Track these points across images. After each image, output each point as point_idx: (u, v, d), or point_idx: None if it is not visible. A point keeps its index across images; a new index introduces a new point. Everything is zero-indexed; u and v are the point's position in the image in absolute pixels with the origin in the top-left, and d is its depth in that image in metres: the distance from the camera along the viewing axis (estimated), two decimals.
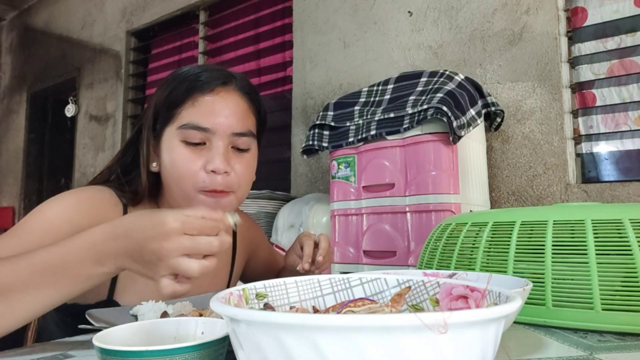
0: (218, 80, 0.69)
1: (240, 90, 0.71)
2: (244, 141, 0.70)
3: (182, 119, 0.67)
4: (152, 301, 0.60)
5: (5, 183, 4.06)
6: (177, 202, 0.70)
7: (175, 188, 0.69)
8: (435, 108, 1.19)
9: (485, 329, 0.26)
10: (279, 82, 2.40)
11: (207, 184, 0.66)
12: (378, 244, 1.31)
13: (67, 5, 3.69)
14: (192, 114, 0.67)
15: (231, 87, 0.70)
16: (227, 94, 0.69)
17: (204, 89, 0.68)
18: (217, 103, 0.68)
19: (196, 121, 0.66)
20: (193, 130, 0.66)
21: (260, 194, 1.84)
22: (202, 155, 0.67)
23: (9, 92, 4.24)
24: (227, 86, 0.69)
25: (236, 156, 0.70)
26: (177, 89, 0.68)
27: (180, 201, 0.70)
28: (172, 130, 0.68)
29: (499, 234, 0.65)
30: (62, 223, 0.63)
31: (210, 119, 0.67)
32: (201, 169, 0.67)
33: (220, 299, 0.33)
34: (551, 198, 1.45)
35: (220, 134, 0.67)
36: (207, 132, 0.67)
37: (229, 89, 0.70)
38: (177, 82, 0.69)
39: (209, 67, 0.71)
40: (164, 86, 0.71)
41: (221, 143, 0.67)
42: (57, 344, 0.55)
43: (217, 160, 0.66)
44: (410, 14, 1.83)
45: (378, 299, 0.43)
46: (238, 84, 0.71)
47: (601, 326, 0.53)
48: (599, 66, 1.50)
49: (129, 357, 0.34)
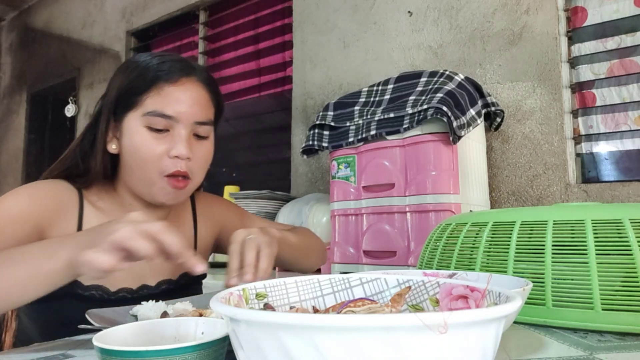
0: (182, 71, 0.73)
1: (201, 81, 0.75)
2: (205, 129, 0.75)
3: (146, 106, 0.71)
4: (152, 301, 0.61)
5: (5, 183, 4.05)
6: (137, 185, 0.74)
7: (137, 171, 0.72)
8: (435, 108, 1.19)
9: (485, 329, 0.26)
10: (279, 82, 2.40)
11: (169, 168, 0.71)
12: (378, 244, 1.31)
13: (67, 5, 3.69)
14: (157, 102, 0.70)
15: (193, 78, 0.74)
16: (191, 84, 0.73)
17: (168, 78, 0.72)
18: (181, 93, 0.72)
19: (161, 109, 0.70)
20: (158, 117, 0.70)
21: (260, 194, 1.84)
22: (165, 142, 0.71)
23: (9, 92, 4.24)
24: (190, 77, 0.74)
25: (197, 143, 0.74)
26: (142, 76, 0.72)
27: (140, 184, 0.73)
28: (136, 116, 0.71)
29: (499, 234, 0.65)
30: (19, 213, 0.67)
31: (175, 108, 0.71)
32: (164, 154, 0.71)
33: (220, 299, 0.33)
34: (551, 198, 1.45)
35: (184, 122, 0.71)
36: (171, 119, 0.71)
37: (192, 80, 0.74)
38: (140, 70, 0.72)
39: (170, 57, 0.75)
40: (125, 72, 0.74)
41: (184, 131, 0.71)
42: (57, 344, 0.55)
43: (180, 147, 0.70)
44: (410, 14, 1.83)
45: (378, 299, 0.43)
46: (199, 75, 0.75)
47: (601, 326, 0.53)
48: (599, 66, 1.50)
49: (129, 357, 0.34)
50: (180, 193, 0.74)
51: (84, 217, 0.74)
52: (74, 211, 0.74)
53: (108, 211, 0.77)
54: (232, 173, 2.66)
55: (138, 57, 0.76)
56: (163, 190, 0.72)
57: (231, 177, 2.64)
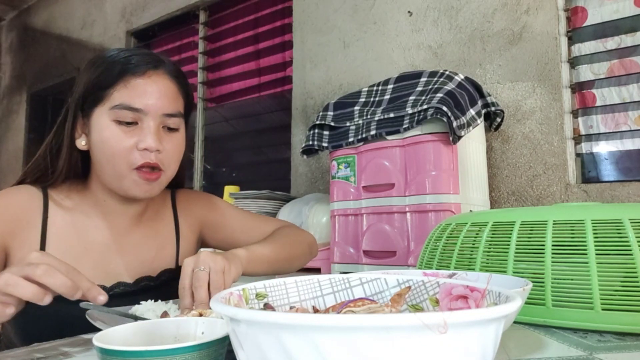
0: (149, 64, 0.72)
1: (169, 74, 0.74)
2: (174, 121, 0.74)
3: (113, 99, 0.70)
4: (152, 301, 0.61)
5: (5, 183, 4.05)
6: (108, 180, 0.73)
7: (107, 166, 0.71)
8: (435, 108, 1.19)
9: (485, 329, 0.26)
10: (278, 82, 2.40)
11: (138, 160, 0.70)
12: (378, 244, 1.31)
13: (66, 5, 3.69)
14: (124, 95, 0.70)
15: (161, 71, 0.73)
16: (158, 77, 0.73)
17: (135, 71, 0.71)
18: (148, 85, 0.71)
19: (128, 102, 0.69)
20: (125, 110, 0.69)
21: (260, 194, 1.84)
22: (134, 135, 0.70)
23: (9, 92, 4.24)
24: (158, 70, 0.73)
25: (167, 135, 0.74)
26: (109, 70, 0.71)
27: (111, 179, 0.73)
28: (103, 110, 0.70)
29: (499, 234, 0.65)
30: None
31: (142, 100, 0.70)
32: (133, 147, 0.70)
33: (220, 299, 0.33)
34: (551, 198, 1.45)
35: (152, 114, 0.71)
36: (139, 112, 0.70)
37: (159, 73, 0.73)
38: (107, 64, 0.72)
39: (137, 51, 0.74)
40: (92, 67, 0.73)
41: (152, 123, 0.71)
42: (58, 344, 0.55)
43: (149, 139, 0.69)
44: (410, 14, 1.83)
45: (378, 299, 0.43)
46: (167, 68, 0.75)
47: (601, 326, 0.53)
48: (599, 66, 1.50)
49: (129, 357, 0.34)
50: (153, 185, 0.73)
51: (48, 219, 0.73)
52: (38, 215, 0.73)
53: (77, 210, 0.76)
54: (231, 173, 2.66)
55: (105, 53, 0.75)
56: (134, 182, 0.71)
57: (231, 177, 2.64)
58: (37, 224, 0.72)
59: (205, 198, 0.95)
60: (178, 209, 0.89)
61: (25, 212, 0.72)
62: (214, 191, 2.66)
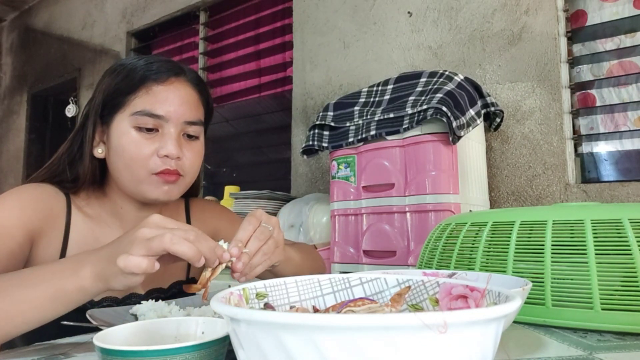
0: (171, 71, 0.72)
1: (190, 82, 0.74)
2: (195, 129, 0.74)
3: (134, 106, 0.69)
4: (152, 300, 0.61)
5: (5, 183, 4.05)
6: (127, 188, 0.72)
7: (126, 172, 0.70)
8: (435, 108, 1.19)
9: (485, 329, 0.26)
10: (279, 83, 2.40)
11: (159, 166, 0.69)
12: (378, 243, 1.31)
13: (67, 6, 3.69)
14: (145, 102, 0.69)
15: (183, 79, 0.73)
16: (180, 84, 0.72)
17: (157, 78, 0.71)
18: (170, 92, 0.71)
19: (150, 108, 0.69)
20: (147, 117, 0.69)
21: (260, 194, 1.84)
22: (154, 141, 0.70)
23: (10, 92, 4.24)
24: (179, 77, 0.73)
25: (187, 143, 0.73)
26: (129, 77, 0.70)
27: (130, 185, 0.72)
28: (124, 116, 0.70)
29: (499, 233, 0.65)
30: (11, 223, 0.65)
31: (164, 107, 0.70)
32: (153, 153, 0.69)
33: (220, 299, 0.33)
34: (550, 198, 1.45)
35: (173, 122, 0.70)
36: (160, 119, 0.70)
37: (181, 80, 0.73)
38: (127, 71, 0.71)
39: (158, 59, 0.74)
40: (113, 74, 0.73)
41: (173, 130, 0.70)
42: (58, 344, 0.55)
43: (170, 146, 0.69)
44: (409, 15, 1.83)
45: (378, 298, 0.43)
46: (189, 76, 0.75)
47: (601, 326, 0.53)
48: (599, 67, 1.50)
49: (129, 356, 0.34)
50: (172, 188, 0.72)
51: (71, 223, 0.72)
52: (62, 217, 0.72)
53: (96, 217, 0.75)
54: (232, 173, 2.66)
55: (125, 60, 0.74)
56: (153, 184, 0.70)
57: (231, 177, 2.64)
58: (61, 227, 0.71)
59: (219, 209, 0.95)
60: (192, 218, 0.89)
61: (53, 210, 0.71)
62: (214, 191, 2.66)
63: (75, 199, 0.75)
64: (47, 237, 0.70)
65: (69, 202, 0.73)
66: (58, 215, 0.71)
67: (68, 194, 0.74)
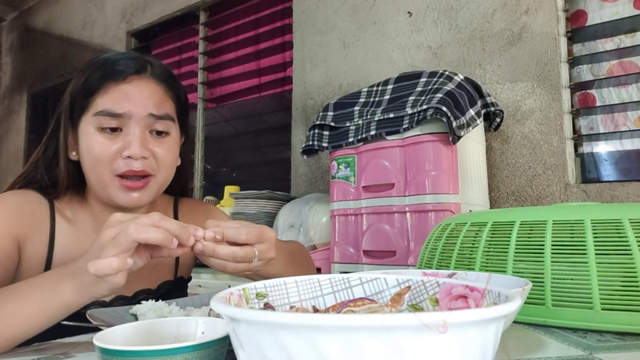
0: (131, 69, 0.70)
1: (155, 77, 0.72)
2: (163, 125, 0.71)
3: (96, 106, 0.68)
4: (152, 300, 0.61)
5: (5, 183, 4.05)
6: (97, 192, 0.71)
7: (92, 175, 0.69)
8: (435, 108, 1.19)
9: (485, 329, 0.26)
10: (279, 83, 2.40)
11: (121, 167, 0.67)
12: (378, 243, 1.31)
13: (67, 5, 3.69)
14: (105, 101, 0.68)
15: (145, 75, 0.71)
16: (141, 81, 0.70)
17: (117, 77, 0.69)
18: (130, 90, 0.69)
19: (111, 107, 0.67)
20: (107, 116, 0.67)
21: (260, 194, 1.84)
22: (118, 141, 0.68)
23: (9, 92, 4.24)
24: (141, 74, 0.71)
25: (155, 140, 0.71)
26: (92, 77, 0.69)
27: (99, 190, 0.70)
28: (88, 118, 0.69)
29: (499, 233, 0.65)
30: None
31: (124, 105, 0.68)
32: (117, 154, 0.68)
33: (220, 299, 0.33)
34: (550, 198, 1.45)
35: (136, 119, 0.68)
36: (122, 117, 0.68)
37: (143, 77, 0.71)
38: (91, 70, 0.70)
39: (126, 55, 0.72)
40: (80, 74, 0.71)
41: (137, 129, 0.68)
42: (58, 344, 0.55)
43: (133, 146, 0.67)
44: (409, 15, 1.83)
45: (378, 298, 0.43)
46: (154, 72, 0.72)
47: (601, 326, 0.53)
48: (599, 67, 1.50)
49: (129, 356, 0.34)
50: (142, 194, 0.70)
51: (56, 229, 0.71)
52: (46, 222, 0.71)
53: (80, 222, 0.74)
54: (232, 173, 2.66)
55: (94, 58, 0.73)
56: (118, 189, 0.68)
57: (231, 177, 2.64)
58: (45, 232, 0.71)
59: (206, 209, 0.94)
60: (180, 219, 0.87)
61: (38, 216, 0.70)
62: (214, 191, 2.66)
63: (58, 204, 0.74)
64: (32, 244, 0.69)
65: (52, 208, 0.72)
66: (42, 221, 0.70)
67: (52, 199, 0.73)
